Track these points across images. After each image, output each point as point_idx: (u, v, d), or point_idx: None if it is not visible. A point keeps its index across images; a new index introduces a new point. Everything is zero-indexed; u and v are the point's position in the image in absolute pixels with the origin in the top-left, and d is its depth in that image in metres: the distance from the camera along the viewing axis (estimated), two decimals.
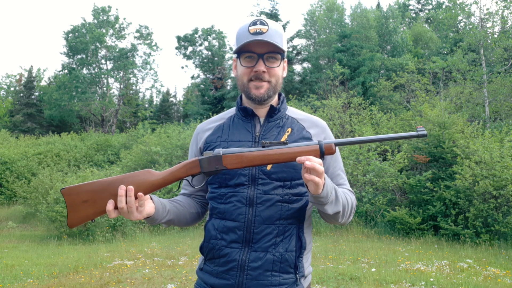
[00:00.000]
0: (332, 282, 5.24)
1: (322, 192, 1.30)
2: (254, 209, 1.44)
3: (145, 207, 1.36)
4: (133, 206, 1.32)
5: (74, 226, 1.39)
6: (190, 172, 1.40)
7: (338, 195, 1.39)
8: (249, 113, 1.55)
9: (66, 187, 1.39)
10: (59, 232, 9.54)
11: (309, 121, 1.58)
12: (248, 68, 1.49)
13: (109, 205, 1.32)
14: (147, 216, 1.39)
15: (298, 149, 1.33)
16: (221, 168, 1.38)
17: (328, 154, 1.36)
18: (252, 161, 1.36)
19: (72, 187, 1.38)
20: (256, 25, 1.47)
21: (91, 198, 1.36)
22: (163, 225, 1.55)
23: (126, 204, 1.31)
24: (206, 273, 1.53)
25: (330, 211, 1.37)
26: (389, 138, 1.41)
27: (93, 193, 1.36)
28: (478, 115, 15.01)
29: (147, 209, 1.37)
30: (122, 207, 1.31)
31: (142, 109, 36.47)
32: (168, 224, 1.53)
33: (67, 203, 1.37)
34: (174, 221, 1.53)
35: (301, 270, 1.47)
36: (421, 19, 34.41)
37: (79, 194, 1.36)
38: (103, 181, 1.37)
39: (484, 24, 17.39)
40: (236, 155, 1.37)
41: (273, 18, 24.09)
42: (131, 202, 1.31)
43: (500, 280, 5.37)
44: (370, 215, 9.76)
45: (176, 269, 6.17)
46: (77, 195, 1.36)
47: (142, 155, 13.30)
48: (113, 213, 1.33)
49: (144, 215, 1.36)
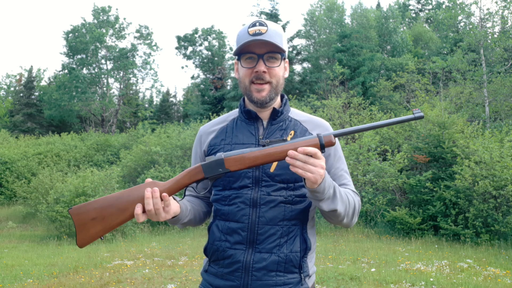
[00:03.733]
0: (332, 282, 5.24)
1: (319, 187, 1.29)
2: (258, 210, 1.44)
3: (171, 207, 1.37)
4: (160, 207, 1.33)
5: (84, 246, 1.39)
6: (194, 178, 1.40)
7: (336, 193, 1.38)
8: (253, 116, 1.55)
9: (74, 207, 1.39)
10: (59, 232, 9.54)
11: (312, 123, 1.58)
12: (248, 69, 1.50)
13: (137, 209, 1.33)
14: (174, 216, 1.41)
15: (298, 144, 1.33)
16: (224, 171, 1.38)
17: (328, 146, 1.35)
18: (254, 161, 1.36)
19: (79, 206, 1.39)
20: (255, 26, 1.47)
21: (99, 215, 1.37)
22: (179, 226, 1.56)
23: (153, 206, 1.32)
24: (211, 274, 1.53)
25: (325, 207, 1.36)
26: (387, 123, 1.39)
27: (101, 209, 1.37)
28: (478, 115, 15.01)
29: (173, 208, 1.39)
30: (150, 209, 1.32)
31: (142, 109, 36.45)
32: (187, 224, 1.54)
33: (76, 223, 1.37)
34: (192, 220, 1.55)
35: (306, 269, 1.48)
36: (421, 19, 34.43)
37: (87, 212, 1.37)
38: (110, 197, 1.38)
39: (484, 24, 17.38)
40: (238, 156, 1.37)
41: (273, 18, 24.09)
42: (157, 203, 1.32)
43: (500, 280, 5.37)
44: (370, 215, 9.77)
45: (176, 269, 6.17)
46: (85, 214, 1.37)
47: (142, 155, 13.30)
48: (141, 217, 1.34)
49: (171, 214, 1.37)
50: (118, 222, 1.38)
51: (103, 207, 1.37)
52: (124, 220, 1.38)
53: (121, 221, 1.38)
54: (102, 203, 1.38)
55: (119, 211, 1.36)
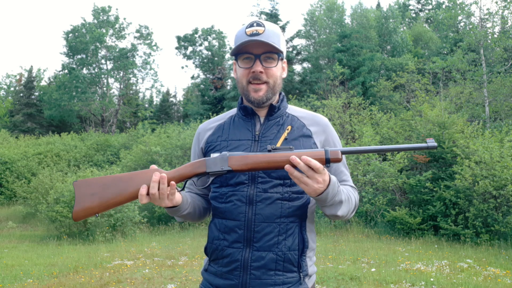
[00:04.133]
0: (332, 282, 5.24)
1: (319, 196, 1.31)
2: (254, 208, 1.44)
3: (175, 196, 1.40)
4: (165, 193, 1.35)
5: (79, 219, 1.41)
6: (196, 171, 1.42)
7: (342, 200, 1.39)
8: (249, 112, 1.56)
9: (79, 180, 1.43)
10: (59, 232, 9.54)
11: (310, 119, 1.58)
12: (246, 69, 1.51)
13: (142, 190, 1.35)
14: (175, 205, 1.43)
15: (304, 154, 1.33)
16: (226, 169, 1.39)
17: (334, 161, 1.35)
18: (257, 163, 1.36)
19: (84, 180, 1.42)
20: (252, 26, 1.48)
21: (100, 191, 1.40)
22: (179, 219, 1.57)
23: (158, 190, 1.34)
24: (210, 274, 1.54)
25: (327, 212, 1.40)
26: (397, 149, 1.39)
27: (103, 186, 1.40)
28: (478, 115, 15.01)
29: (176, 197, 1.41)
30: (154, 193, 1.34)
31: (142, 109, 36.45)
32: (186, 217, 1.55)
33: (76, 195, 1.41)
34: (191, 214, 1.56)
35: (305, 269, 1.47)
36: (421, 19, 34.42)
37: (90, 186, 1.40)
38: (114, 177, 1.41)
39: (484, 24, 17.38)
40: (241, 157, 1.38)
41: (273, 18, 24.09)
42: (164, 189, 1.34)
43: (500, 280, 5.37)
44: (370, 215, 9.77)
45: (176, 269, 6.17)
46: (87, 188, 1.40)
47: (142, 155, 13.30)
48: (145, 199, 1.36)
49: (174, 203, 1.40)
50: (116, 202, 1.40)
51: (105, 184, 1.40)
52: (121, 201, 1.40)
53: (119, 202, 1.40)
54: (105, 181, 1.41)
55: (119, 191, 1.39)
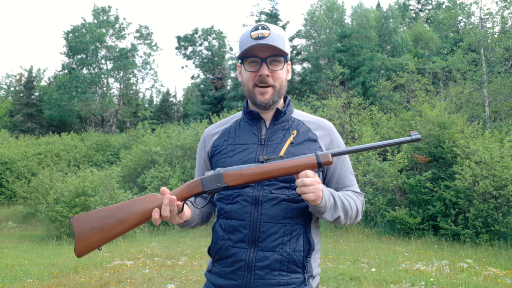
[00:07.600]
0: (332, 282, 5.24)
1: (321, 203, 1.35)
2: (260, 208, 1.45)
3: (185, 212, 1.45)
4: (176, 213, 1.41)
5: (82, 255, 1.40)
6: (193, 191, 1.44)
7: (336, 202, 1.43)
8: (255, 116, 1.57)
9: (75, 216, 1.42)
10: (59, 232, 9.55)
11: (315, 123, 1.59)
12: (252, 72, 1.52)
13: (155, 214, 1.38)
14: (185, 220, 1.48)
15: (296, 162, 1.37)
16: (222, 185, 1.41)
17: (325, 165, 1.39)
18: (252, 176, 1.39)
19: (81, 215, 1.41)
20: (257, 30, 1.49)
21: (99, 224, 1.39)
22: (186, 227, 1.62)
23: (170, 212, 1.39)
24: (214, 274, 1.54)
25: (329, 218, 1.43)
26: (383, 145, 1.44)
27: (101, 219, 1.39)
28: (478, 115, 15.00)
29: (186, 213, 1.47)
30: (167, 216, 1.39)
31: (142, 109, 36.45)
32: (195, 226, 1.61)
33: (76, 232, 1.39)
34: (200, 223, 1.61)
35: (309, 270, 1.48)
36: (421, 19, 34.42)
37: (88, 221, 1.40)
38: (111, 208, 1.41)
39: (484, 24, 17.37)
40: (236, 172, 1.40)
41: (273, 18, 24.10)
42: (174, 210, 1.39)
43: (500, 280, 5.37)
44: (370, 215, 9.77)
45: (176, 269, 6.17)
46: (86, 222, 1.39)
47: (142, 155, 13.31)
48: (158, 221, 1.41)
49: (184, 219, 1.46)
50: (117, 233, 1.40)
51: (103, 217, 1.39)
52: (122, 231, 1.41)
53: (120, 232, 1.41)
54: (103, 213, 1.40)
55: (119, 221, 1.39)
